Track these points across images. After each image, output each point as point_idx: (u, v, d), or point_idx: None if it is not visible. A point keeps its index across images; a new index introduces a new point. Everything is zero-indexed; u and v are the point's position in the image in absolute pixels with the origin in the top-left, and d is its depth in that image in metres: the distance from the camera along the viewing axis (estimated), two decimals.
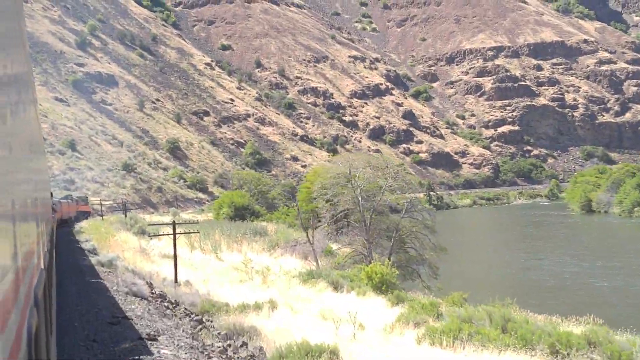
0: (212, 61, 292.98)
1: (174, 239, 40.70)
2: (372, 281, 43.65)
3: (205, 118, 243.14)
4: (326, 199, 64.83)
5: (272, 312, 30.18)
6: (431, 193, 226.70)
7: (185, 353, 15.91)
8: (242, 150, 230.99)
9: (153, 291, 28.35)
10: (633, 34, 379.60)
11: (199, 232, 47.82)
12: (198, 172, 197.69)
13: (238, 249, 64.81)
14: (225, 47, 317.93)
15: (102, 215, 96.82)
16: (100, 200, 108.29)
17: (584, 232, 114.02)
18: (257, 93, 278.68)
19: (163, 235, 42.00)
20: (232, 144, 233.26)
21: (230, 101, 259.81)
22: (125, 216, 72.97)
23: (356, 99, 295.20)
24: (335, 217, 62.98)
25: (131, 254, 50.02)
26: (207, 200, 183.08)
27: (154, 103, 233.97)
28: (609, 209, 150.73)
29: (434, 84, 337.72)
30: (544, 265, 73.60)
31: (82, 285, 26.46)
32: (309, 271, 46.91)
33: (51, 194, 33.85)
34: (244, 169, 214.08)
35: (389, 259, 51.23)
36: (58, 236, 60.24)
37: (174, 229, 40.78)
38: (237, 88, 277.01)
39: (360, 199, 59.35)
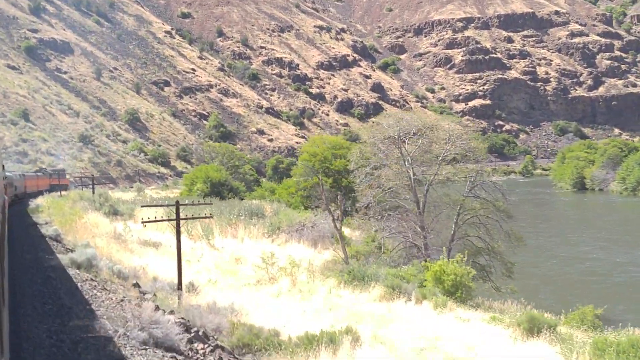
0: (172, 29, 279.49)
1: (178, 229, 29.73)
2: (441, 284, 33.16)
3: (166, 88, 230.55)
4: (365, 173, 53.35)
5: (355, 348, 19.40)
6: None
7: None
8: (205, 122, 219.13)
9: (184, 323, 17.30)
10: (602, 6, 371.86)
11: (212, 217, 36.02)
12: (159, 145, 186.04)
13: (233, 233, 53.80)
14: (185, 15, 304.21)
15: (60, 192, 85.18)
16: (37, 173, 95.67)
17: (599, 213, 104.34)
18: (219, 63, 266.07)
19: (160, 221, 30.50)
20: (195, 116, 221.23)
21: (191, 71, 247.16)
22: (94, 193, 61.14)
23: (323, 71, 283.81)
24: (378, 197, 51.20)
25: (104, 242, 39.62)
26: (170, 175, 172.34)
27: (112, 72, 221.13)
28: (606, 186, 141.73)
29: (402, 56, 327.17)
30: (589, 253, 63.32)
31: (56, 323, 15.35)
32: (350, 270, 36.08)
33: (2, 166, 24.63)
34: (207, 142, 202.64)
35: (449, 252, 40.43)
36: (12, 215, 48.87)
37: (178, 213, 29.74)
38: (199, 57, 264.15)
39: (412, 172, 48.45)
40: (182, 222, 54.36)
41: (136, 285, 26.88)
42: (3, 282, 9.25)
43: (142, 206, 36.71)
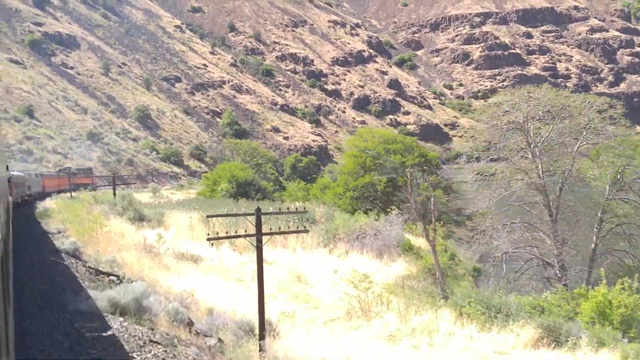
0: (182, 24, 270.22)
1: (259, 253, 20.14)
2: (606, 320, 23.42)
3: (177, 84, 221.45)
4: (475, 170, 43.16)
5: None
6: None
7: None
8: (219, 120, 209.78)
9: None
10: (619, 2, 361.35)
11: (307, 232, 25.96)
12: (172, 144, 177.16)
13: (283, 243, 44.22)
14: (195, 10, 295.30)
15: (71, 192, 75.61)
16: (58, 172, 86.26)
17: None
18: (232, 59, 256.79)
19: (234, 237, 20.87)
20: (207, 113, 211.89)
21: (203, 67, 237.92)
22: (115, 195, 51.05)
23: (338, 67, 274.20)
24: (495, 201, 40.58)
25: (134, 256, 31.05)
26: (184, 175, 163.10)
27: (120, 67, 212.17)
28: None
29: (419, 52, 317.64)
30: None
31: None
32: (471, 298, 26.18)
33: (7, 167, 24.70)
34: (221, 140, 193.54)
35: (589, 273, 30.28)
36: (16, 221, 39.40)
37: (259, 226, 20.16)
38: (210, 53, 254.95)
39: (541, 167, 38.27)
40: (219, 226, 44.69)
41: (190, 323, 17.75)
42: (8, 284, 8.79)
43: (209, 216, 26.77)
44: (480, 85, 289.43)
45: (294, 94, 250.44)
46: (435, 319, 25.07)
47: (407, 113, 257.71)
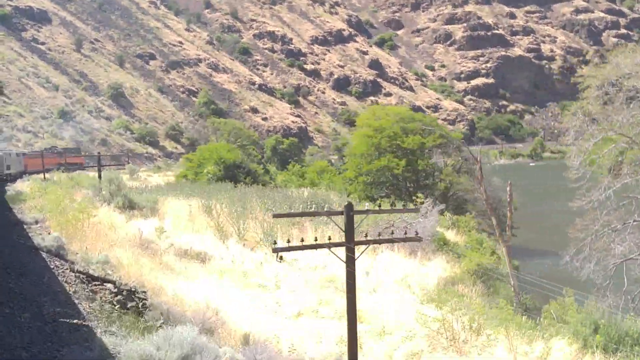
0: None
1: (350, 263, 13.47)
2: None
3: (151, 62, 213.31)
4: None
5: None
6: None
7: None
8: (195, 99, 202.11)
9: None
10: None
11: (420, 240, 18.77)
12: (146, 124, 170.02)
13: (299, 236, 37.53)
14: None
15: (44, 174, 68.46)
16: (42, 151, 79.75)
17: None
18: (208, 36, 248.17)
19: (319, 247, 14.10)
20: (183, 92, 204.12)
21: (178, 44, 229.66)
22: (100, 177, 43.53)
23: (317, 46, 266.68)
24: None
25: (129, 254, 24.42)
26: (159, 156, 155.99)
27: (93, 44, 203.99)
28: None
29: (399, 32, 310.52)
30: None
31: None
32: (599, 327, 19.35)
33: None
34: (197, 120, 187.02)
35: None
36: None
37: (351, 229, 13.52)
38: (186, 30, 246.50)
39: None
40: (223, 216, 38.20)
41: None
42: None
43: (275, 215, 19.74)
44: (463, 66, 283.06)
45: (272, 74, 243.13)
46: (547, 351, 18.58)
47: (388, 94, 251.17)
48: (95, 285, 19.85)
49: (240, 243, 34.47)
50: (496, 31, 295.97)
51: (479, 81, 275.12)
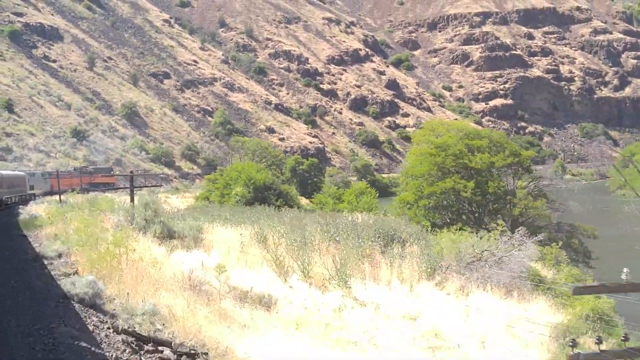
0: (170, 18, 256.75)
1: None
2: None
3: (166, 81, 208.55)
4: None
5: None
6: None
7: None
8: (210, 119, 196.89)
9: None
10: (619, 4, 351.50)
11: None
12: (162, 143, 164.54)
13: (372, 272, 31.19)
14: (184, 4, 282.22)
15: (60, 195, 62.57)
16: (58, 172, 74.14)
17: None
18: (223, 55, 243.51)
19: None
20: (198, 112, 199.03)
21: (193, 63, 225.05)
22: (133, 200, 36.69)
23: (334, 66, 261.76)
24: None
25: (181, 300, 19.54)
26: (175, 177, 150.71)
27: (106, 62, 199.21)
28: None
29: (416, 52, 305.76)
30: None
31: None
32: None
33: None
34: (213, 140, 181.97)
35: None
36: None
37: None
38: (200, 49, 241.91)
39: None
40: (280, 247, 33.06)
41: None
42: None
43: (577, 292, 12.82)
44: (481, 87, 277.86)
45: (288, 93, 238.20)
46: None
47: (406, 115, 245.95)
48: (148, 352, 14.52)
49: (304, 281, 28.37)
50: (514, 52, 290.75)
51: (497, 102, 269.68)
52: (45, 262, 24.62)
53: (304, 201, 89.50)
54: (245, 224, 36.49)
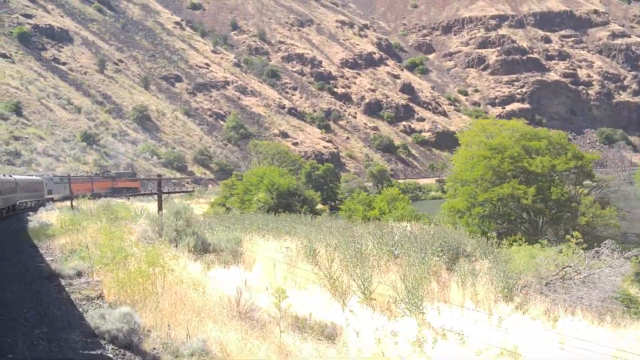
0: (181, 20, 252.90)
1: None
2: None
3: (177, 84, 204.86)
4: None
5: None
6: (444, 178, 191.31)
7: None
8: (222, 123, 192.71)
9: None
10: (636, 8, 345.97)
11: None
12: (173, 148, 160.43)
13: (442, 294, 26.47)
14: (195, 6, 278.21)
15: (72, 200, 58.63)
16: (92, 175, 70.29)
17: None
18: (235, 58, 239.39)
19: None
20: (211, 116, 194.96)
21: (205, 66, 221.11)
22: (161, 209, 31.75)
23: (347, 69, 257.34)
24: None
25: (232, 332, 14.54)
26: (188, 182, 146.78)
27: (117, 64, 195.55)
28: None
29: (430, 56, 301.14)
30: None
31: None
32: None
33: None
34: (226, 145, 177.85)
35: None
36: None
37: None
38: (212, 52, 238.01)
39: None
40: (333, 263, 29.06)
41: None
42: None
43: None
44: (498, 91, 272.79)
45: (301, 97, 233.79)
46: None
47: (421, 119, 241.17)
48: None
49: (366, 304, 23.56)
50: (531, 55, 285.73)
51: (514, 106, 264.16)
52: (63, 281, 20.32)
53: (319, 207, 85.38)
54: (286, 235, 31.93)
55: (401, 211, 58.89)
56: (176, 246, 25.97)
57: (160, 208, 31.99)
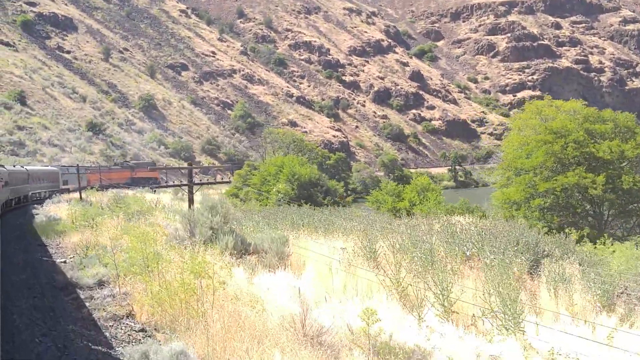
0: (187, 8, 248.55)
1: None
2: None
3: (184, 72, 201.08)
4: None
5: None
6: (457, 167, 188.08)
7: None
8: (230, 112, 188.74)
9: None
10: None
11: None
12: (181, 137, 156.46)
13: (534, 306, 22.10)
14: None
15: (80, 191, 54.90)
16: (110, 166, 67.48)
17: None
18: (241, 46, 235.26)
19: None
20: (218, 105, 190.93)
21: (211, 54, 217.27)
22: (192, 203, 26.94)
23: (356, 57, 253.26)
24: None
25: None
26: (195, 173, 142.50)
27: (122, 53, 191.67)
28: None
29: (439, 43, 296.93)
30: None
31: None
32: None
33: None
34: (234, 134, 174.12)
35: None
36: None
37: None
38: (219, 40, 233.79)
39: None
40: (396, 266, 24.02)
41: None
42: None
43: None
44: (508, 78, 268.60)
45: (309, 86, 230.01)
46: None
47: (431, 107, 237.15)
48: None
49: (445, 318, 19.19)
50: (542, 42, 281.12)
51: (525, 94, 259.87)
52: (81, 293, 16.46)
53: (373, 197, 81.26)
54: (331, 231, 27.83)
55: (433, 202, 55.04)
56: (208, 245, 21.98)
57: (191, 202, 27.86)
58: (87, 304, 15.33)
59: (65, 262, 22.17)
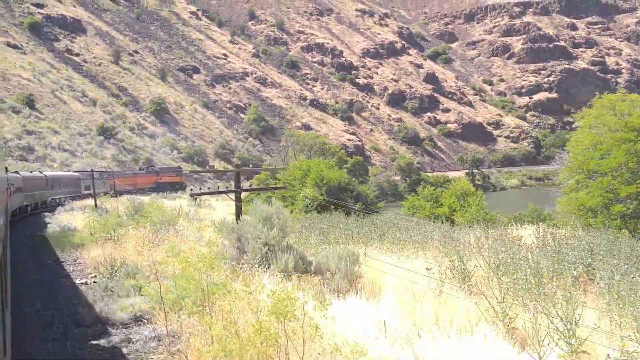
0: (198, 10, 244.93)
1: None
2: None
3: (195, 75, 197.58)
4: None
5: None
6: (475, 171, 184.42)
7: None
8: (243, 115, 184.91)
9: None
10: None
11: None
12: (194, 142, 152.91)
13: None
14: None
15: (95, 200, 51.18)
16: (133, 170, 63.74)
17: None
18: (253, 49, 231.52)
19: None
20: (230, 108, 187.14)
21: (223, 57, 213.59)
22: (240, 214, 22.70)
23: (369, 59, 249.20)
24: None
25: None
26: (209, 178, 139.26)
27: (132, 56, 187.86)
28: None
29: (453, 45, 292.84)
30: None
31: None
32: None
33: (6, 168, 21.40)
34: (247, 138, 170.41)
35: None
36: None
37: None
38: (230, 42, 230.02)
39: None
40: (495, 289, 18.84)
41: None
42: (5, 285, 8.25)
43: None
44: (524, 80, 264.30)
45: (322, 88, 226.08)
46: None
47: (446, 110, 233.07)
48: None
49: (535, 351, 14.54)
50: (557, 43, 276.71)
51: (541, 96, 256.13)
52: (115, 334, 12.32)
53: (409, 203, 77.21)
54: (402, 245, 23.39)
55: (475, 208, 50.89)
56: (264, 266, 17.71)
57: (239, 213, 23.62)
58: (124, 349, 11.36)
59: (86, 283, 18.20)
